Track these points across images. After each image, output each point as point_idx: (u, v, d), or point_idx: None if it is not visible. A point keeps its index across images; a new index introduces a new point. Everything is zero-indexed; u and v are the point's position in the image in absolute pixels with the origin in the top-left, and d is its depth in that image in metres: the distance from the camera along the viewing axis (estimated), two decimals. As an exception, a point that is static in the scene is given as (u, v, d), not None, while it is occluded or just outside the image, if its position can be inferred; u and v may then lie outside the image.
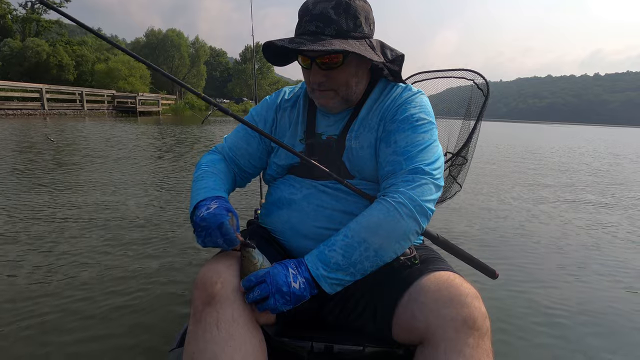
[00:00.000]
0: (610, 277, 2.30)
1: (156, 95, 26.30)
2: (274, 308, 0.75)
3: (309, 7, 0.85)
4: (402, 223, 0.78)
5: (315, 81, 0.89)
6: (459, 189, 1.57)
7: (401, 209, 0.79)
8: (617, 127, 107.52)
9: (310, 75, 0.89)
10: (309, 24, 0.85)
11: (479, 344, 0.70)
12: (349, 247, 0.78)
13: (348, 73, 0.89)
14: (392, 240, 0.79)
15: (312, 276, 0.78)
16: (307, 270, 0.78)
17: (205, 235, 0.81)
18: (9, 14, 29.95)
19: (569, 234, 3.16)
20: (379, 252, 0.78)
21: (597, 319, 1.80)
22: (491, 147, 11.89)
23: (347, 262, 0.77)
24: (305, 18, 0.85)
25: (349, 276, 0.78)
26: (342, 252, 0.78)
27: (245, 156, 1.07)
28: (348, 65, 0.88)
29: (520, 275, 2.25)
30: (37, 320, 1.58)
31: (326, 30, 0.83)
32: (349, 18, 0.84)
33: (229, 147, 1.08)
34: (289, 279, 0.76)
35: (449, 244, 1.06)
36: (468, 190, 4.63)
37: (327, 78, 0.89)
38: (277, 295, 0.75)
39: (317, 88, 0.91)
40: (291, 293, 0.75)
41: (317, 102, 0.96)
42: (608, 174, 7.05)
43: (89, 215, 3.00)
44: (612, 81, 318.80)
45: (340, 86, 0.90)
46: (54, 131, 9.80)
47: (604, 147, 15.43)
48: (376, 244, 0.78)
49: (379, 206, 0.81)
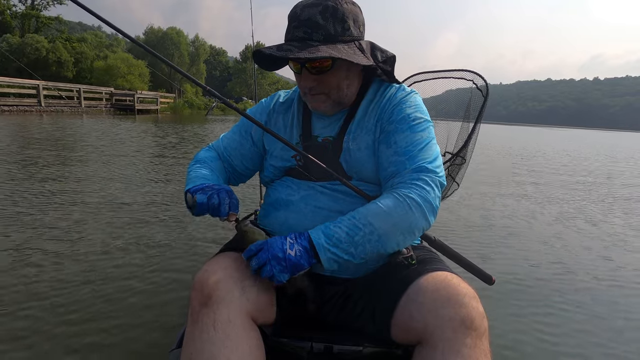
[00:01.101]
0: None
1: (155, 94, 26.21)
2: (271, 275, 0.77)
3: (297, 13, 0.86)
4: (410, 216, 0.80)
5: (306, 86, 0.91)
6: (456, 187, 1.58)
7: (411, 202, 0.80)
8: (618, 132, 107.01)
9: (301, 79, 0.91)
10: (297, 30, 0.85)
11: (477, 344, 0.70)
12: (355, 227, 0.79)
13: (339, 76, 0.90)
14: (398, 230, 0.80)
15: (312, 245, 0.79)
16: (308, 240, 0.80)
17: (203, 194, 0.86)
18: (8, 9, 29.84)
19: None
20: (383, 238, 0.79)
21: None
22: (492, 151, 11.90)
23: (350, 241, 0.79)
24: (294, 24, 0.86)
25: (347, 255, 0.79)
26: (347, 230, 0.79)
27: (239, 157, 1.10)
28: (338, 69, 0.89)
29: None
30: (30, 320, 1.57)
31: (314, 35, 0.84)
32: (336, 22, 0.85)
33: (224, 146, 1.11)
34: (284, 247, 0.79)
35: (446, 247, 1.06)
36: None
37: (317, 82, 0.89)
38: (273, 262, 0.77)
39: (308, 92, 0.92)
40: (287, 259, 0.77)
41: (310, 106, 0.97)
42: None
43: (88, 214, 2.99)
44: (611, 85, 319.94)
45: (331, 89, 0.91)
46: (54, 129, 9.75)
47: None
48: (381, 229, 0.79)
49: (390, 197, 0.82)
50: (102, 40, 42.15)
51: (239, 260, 0.84)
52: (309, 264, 0.79)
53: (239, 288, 0.79)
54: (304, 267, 0.78)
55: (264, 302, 0.84)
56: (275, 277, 0.77)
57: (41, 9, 32.05)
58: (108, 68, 29.80)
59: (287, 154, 1.00)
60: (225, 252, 0.91)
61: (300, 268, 0.78)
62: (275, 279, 0.77)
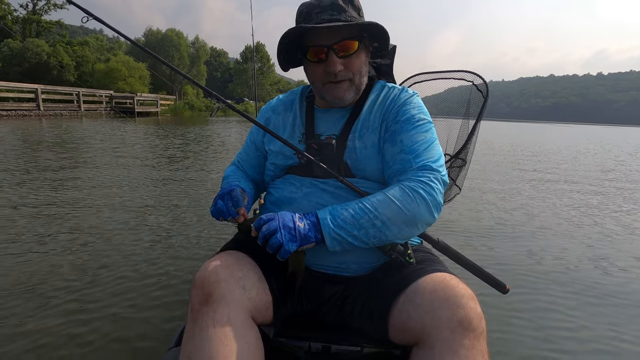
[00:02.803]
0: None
1: (155, 96, 26.23)
2: (279, 245, 0.78)
3: (315, 2, 0.91)
4: (415, 207, 0.82)
5: (333, 71, 0.91)
6: (458, 191, 1.56)
7: (417, 195, 0.83)
8: (623, 127, 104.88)
9: (327, 65, 0.91)
10: (322, 14, 0.89)
11: (474, 345, 0.71)
12: (361, 210, 0.81)
13: (362, 60, 0.95)
14: (402, 220, 0.82)
15: (318, 221, 0.81)
16: (315, 216, 0.82)
17: (218, 199, 0.92)
18: (9, 14, 29.94)
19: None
20: (386, 224, 0.81)
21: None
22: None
23: (354, 223, 0.80)
24: (316, 10, 0.90)
25: (350, 238, 0.81)
26: (353, 213, 0.81)
27: (250, 168, 1.15)
28: (361, 52, 0.94)
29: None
30: (29, 315, 1.58)
31: (341, 16, 0.89)
32: (353, 8, 0.93)
33: (238, 160, 1.18)
34: (294, 218, 0.81)
35: (450, 249, 1.05)
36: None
37: (344, 66, 0.92)
38: (283, 230, 0.78)
39: (333, 79, 0.93)
40: (297, 230, 0.79)
41: (330, 96, 0.96)
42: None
43: (89, 214, 3.00)
44: (615, 80, 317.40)
45: (355, 74, 0.94)
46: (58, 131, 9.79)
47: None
48: (386, 216, 0.81)
49: (397, 187, 0.85)
50: (103, 44, 42.29)
51: (240, 259, 0.85)
52: (316, 239, 0.80)
53: (240, 287, 0.80)
54: (311, 240, 0.80)
55: (264, 301, 0.85)
56: (283, 247, 0.77)
57: (42, 14, 32.13)
58: (109, 71, 29.84)
59: (289, 150, 1.01)
60: (226, 250, 0.92)
61: (308, 240, 0.80)
62: (284, 250, 0.77)
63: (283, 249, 0.77)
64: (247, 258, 0.88)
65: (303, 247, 0.80)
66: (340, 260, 0.93)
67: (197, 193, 4.01)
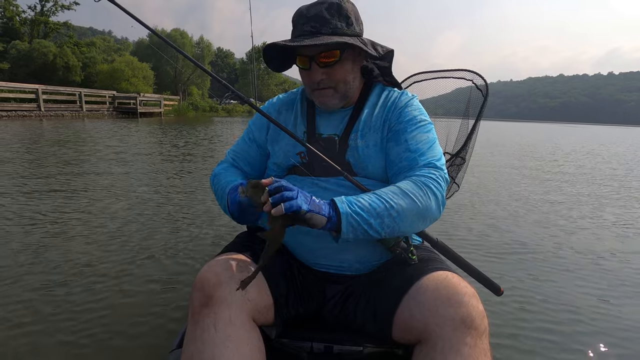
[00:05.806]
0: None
1: (158, 96, 26.31)
2: (291, 197, 0.74)
3: (303, 12, 0.93)
4: (426, 200, 0.84)
5: (315, 80, 0.95)
6: (457, 189, 1.56)
7: (428, 190, 0.85)
8: (634, 128, 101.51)
9: (310, 74, 0.95)
10: (305, 26, 0.92)
11: (477, 343, 0.71)
12: (377, 199, 0.82)
13: (345, 69, 0.96)
14: (415, 212, 0.83)
15: (335, 204, 0.79)
16: (330, 200, 0.81)
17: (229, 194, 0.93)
18: (17, 15, 30.29)
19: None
20: (401, 215, 0.81)
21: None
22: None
23: (371, 210, 0.80)
24: (301, 21, 0.93)
25: (366, 225, 0.79)
26: (370, 202, 0.81)
27: (247, 164, 1.13)
28: (345, 61, 0.95)
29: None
30: (29, 317, 1.58)
31: (322, 29, 0.90)
32: (341, 18, 0.92)
33: (232, 157, 1.15)
34: (311, 194, 0.80)
35: (448, 249, 1.05)
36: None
37: (326, 76, 0.94)
38: (300, 195, 0.76)
39: (316, 87, 0.96)
40: (312, 199, 0.77)
41: (317, 101, 1.00)
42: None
43: (90, 217, 3.02)
44: (625, 80, 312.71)
45: (338, 83, 0.96)
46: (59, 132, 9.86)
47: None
48: (401, 207, 0.81)
49: (409, 181, 0.86)
50: (111, 45, 42.60)
51: (241, 261, 0.86)
52: (328, 216, 0.77)
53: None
54: (324, 213, 0.77)
55: (265, 303, 0.85)
56: (296, 201, 0.73)
57: (50, 15, 32.48)
58: (113, 71, 29.94)
59: (292, 150, 1.02)
60: (227, 252, 0.92)
61: (322, 212, 0.77)
62: (295, 203, 0.73)
63: (291, 202, 0.73)
64: (248, 260, 0.88)
65: (313, 214, 0.75)
66: (342, 259, 0.94)
67: (198, 194, 4.02)
